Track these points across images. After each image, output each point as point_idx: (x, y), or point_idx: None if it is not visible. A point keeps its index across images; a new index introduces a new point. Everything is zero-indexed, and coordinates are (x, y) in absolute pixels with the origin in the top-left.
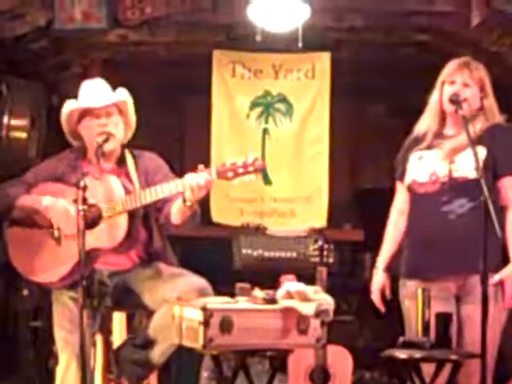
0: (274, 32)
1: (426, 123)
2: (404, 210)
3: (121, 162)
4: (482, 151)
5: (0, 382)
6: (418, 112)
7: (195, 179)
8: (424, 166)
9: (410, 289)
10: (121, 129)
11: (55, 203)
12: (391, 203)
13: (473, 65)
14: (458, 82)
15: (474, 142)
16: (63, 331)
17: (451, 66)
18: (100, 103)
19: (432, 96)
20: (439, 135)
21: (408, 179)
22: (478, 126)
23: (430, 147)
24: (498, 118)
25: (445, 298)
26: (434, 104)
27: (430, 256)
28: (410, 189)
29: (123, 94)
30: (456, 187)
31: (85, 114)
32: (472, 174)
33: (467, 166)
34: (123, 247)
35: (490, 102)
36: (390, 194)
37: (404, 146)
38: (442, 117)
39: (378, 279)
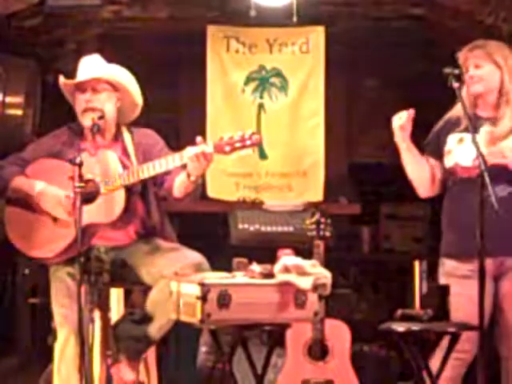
0: (268, 6)
1: (458, 107)
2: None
3: (117, 137)
4: None
5: None
6: (412, 85)
7: (194, 150)
8: (466, 151)
9: (447, 268)
10: (111, 105)
11: (46, 191)
12: (387, 176)
13: (485, 46)
14: (471, 65)
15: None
16: (61, 307)
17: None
18: (81, 77)
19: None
20: (474, 117)
21: (450, 162)
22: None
23: (468, 129)
24: None
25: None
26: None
27: (471, 237)
28: (451, 172)
29: (111, 70)
30: (496, 172)
31: (76, 88)
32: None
33: (508, 152)
34: (121, 222)
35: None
36: (385, 168)
37: (438, 127)
38: (473, 99)
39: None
